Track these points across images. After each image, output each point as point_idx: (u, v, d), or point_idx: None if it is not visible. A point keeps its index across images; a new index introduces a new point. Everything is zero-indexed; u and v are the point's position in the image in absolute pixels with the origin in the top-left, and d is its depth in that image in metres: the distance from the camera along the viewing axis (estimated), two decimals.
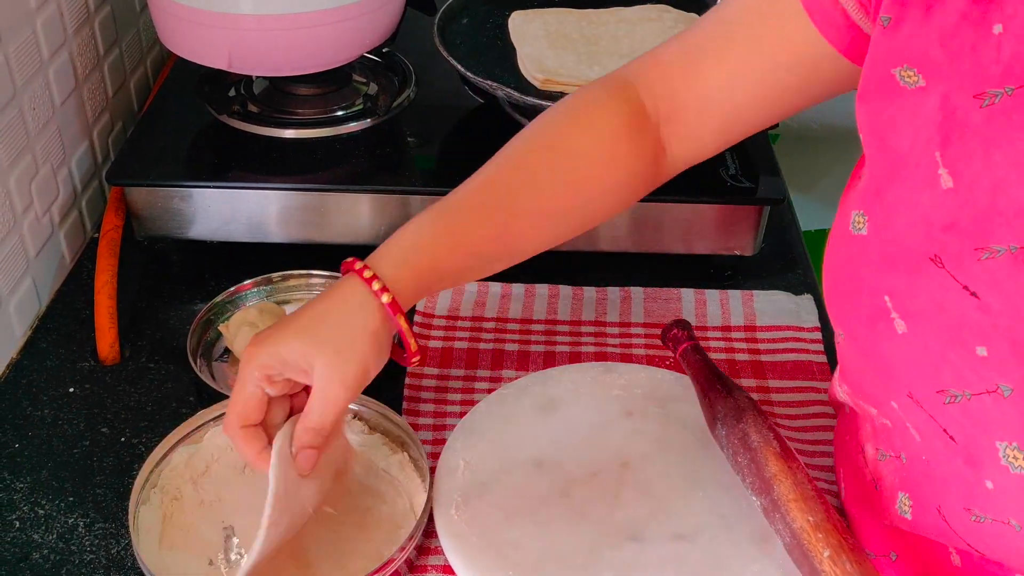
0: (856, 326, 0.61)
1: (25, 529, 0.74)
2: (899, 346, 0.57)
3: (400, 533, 0.71)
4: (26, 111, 0.90)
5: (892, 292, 0.57)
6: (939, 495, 0.60)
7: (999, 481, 0.55)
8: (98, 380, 0.86)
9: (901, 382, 0.58)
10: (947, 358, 0.55)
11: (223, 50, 0.94)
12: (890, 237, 0.57)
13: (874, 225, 0.58)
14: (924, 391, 0.57)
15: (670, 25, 1.07)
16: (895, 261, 0.57)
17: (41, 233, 0.94)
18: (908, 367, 0.57)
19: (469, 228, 0.69)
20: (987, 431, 0.54)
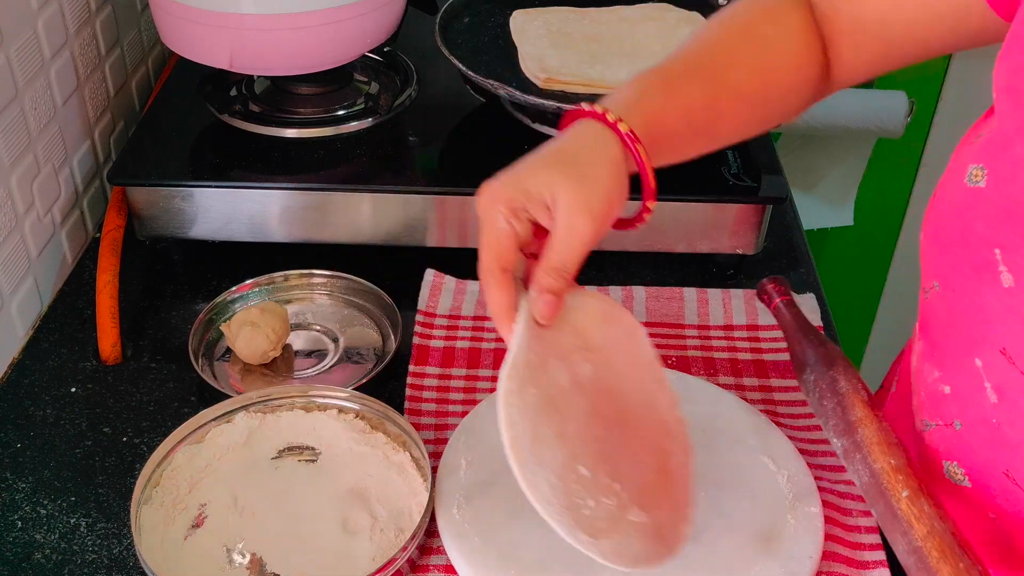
0: (957, 277, 0.61)
1: (27, 529, 0.74)
2: (1002, 299, 0.58)
3: (405, 532, 0.71)
4: (28, 111, 0.90)
5: (1004, 245, 0.58)
6: (1009, 458, 0.60)
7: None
8: (100, 380, 0.86)
9: (996, 337, 0.59)
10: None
11: (224, 50, 0.94)
12: (1010, 191, 0.58)
13: (994, 178, 0.59)
14: (1020, 345, 0.57)
15: (672, 24, 1.07)
16: (1013, 215, 0.57)
17: (43, 233, 0.94)
18: (1008, 322, 0.58)
19: (682, 91, 0.69)
20: None
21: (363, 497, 0.74)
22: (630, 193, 0.64)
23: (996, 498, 0.63)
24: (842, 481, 0.77)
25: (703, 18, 1.08)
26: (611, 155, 0.63)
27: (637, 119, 0.64)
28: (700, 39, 0.73)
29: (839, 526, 0.73)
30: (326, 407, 0.79)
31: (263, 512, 0.73)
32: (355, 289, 0.93)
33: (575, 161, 0.62)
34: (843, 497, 0.75)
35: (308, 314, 0.93)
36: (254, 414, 0.78)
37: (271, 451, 0.78)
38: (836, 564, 0.70)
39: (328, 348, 0.90)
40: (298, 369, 0.88)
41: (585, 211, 0.60)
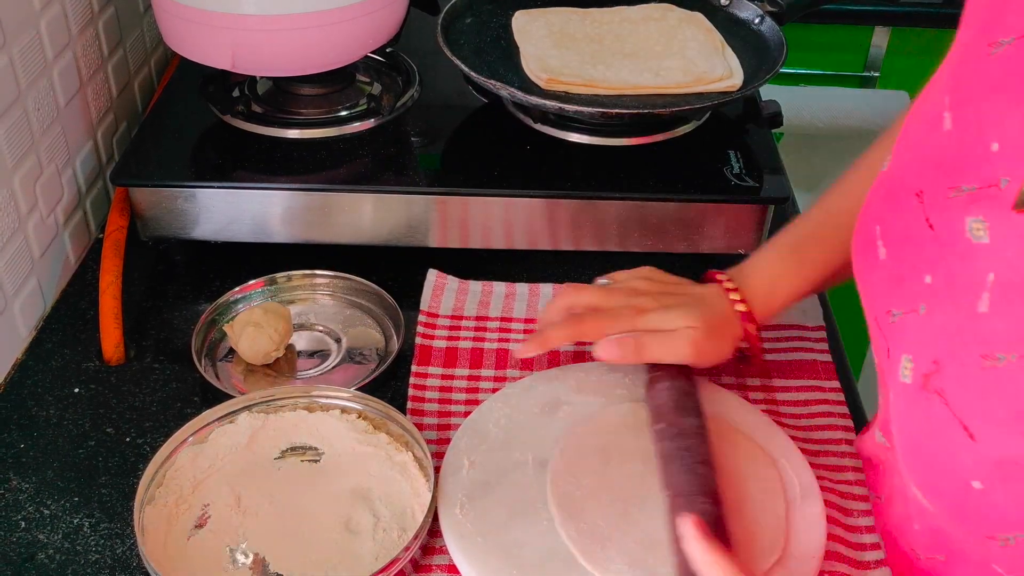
0: (856, 254, 0.66)
1: (31, 529, 0.74)
2: (877, 271, 0.63)
3: (408, 532, 0.71)
4: (31, 112, 0.90)
5: (881, 221, 0.62)
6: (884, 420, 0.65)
7: (895, 391, 0.60)
8: (103, 380, 0.86)
9: (873, 306, 0.64)
10: (902, 282, 0.60)
11: (227, 50, 0.94)
12: (896, 172, 0.62)
13: (892, 163, 0.63)
14: (881, 312, 0.62)
15: (674, 24, 1.07)
16: (893, 194, 0.61)
17: (46, 234, 0.94)
18: (878, 290, 0.62)
19: (819, 261, 0.79)
20: (900, 345, 0.60)
21: (366, 497, 0.74)
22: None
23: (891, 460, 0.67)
24: (844, 481, 0.77)
25: (704, 18, 1.09)
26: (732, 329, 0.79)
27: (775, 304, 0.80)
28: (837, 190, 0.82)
29: (841, 526, 0.73)
30: (329, 407, 0.79)
31: (266, 512, 0.73)
32: (358, 289, 0.94)
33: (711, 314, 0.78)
34: (844, 497, 0.75)
35: (311, 314, 0.93)
36: (257, 414, 0.78)
37: (274, 451, 0.78)
38: (838, 564, 0.70)
39: (331, 348, 0.90)
40: (301, 369, 0.88)
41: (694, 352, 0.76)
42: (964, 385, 0.54)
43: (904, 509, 0.66)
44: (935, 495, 0.59)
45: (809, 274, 0.80)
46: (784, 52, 1.02)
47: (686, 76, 0.99)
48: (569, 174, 0.96)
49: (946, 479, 0.57)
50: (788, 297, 0.80)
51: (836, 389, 0.85)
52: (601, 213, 0.95)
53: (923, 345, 0.58)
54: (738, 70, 1.00)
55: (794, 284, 0.80)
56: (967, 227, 0.55)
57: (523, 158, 0.98)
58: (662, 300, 0.79)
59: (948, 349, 0.55)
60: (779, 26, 1.06)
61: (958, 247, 0.55)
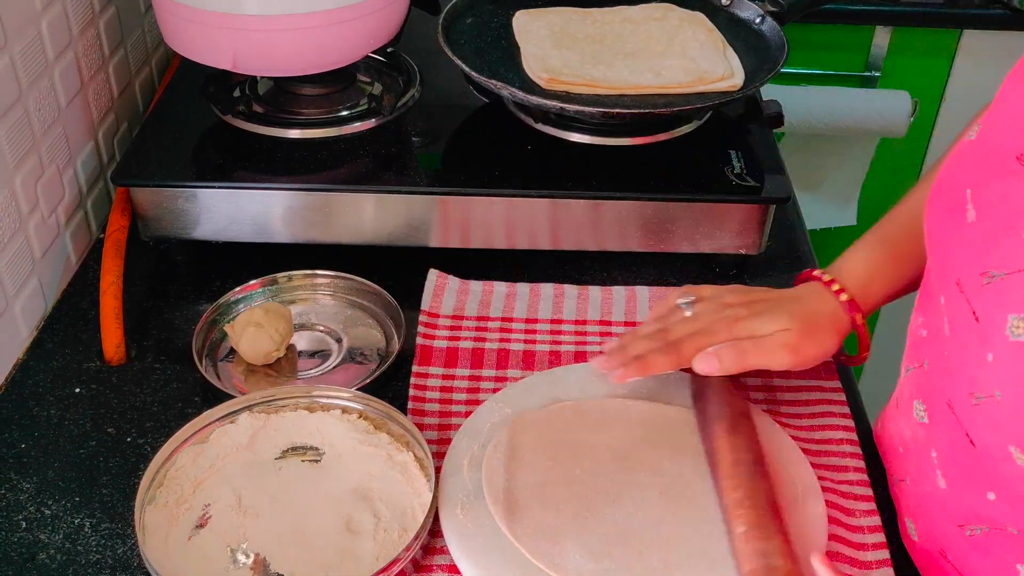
0: (935, 220, 0.66)
1: (31, 529, 0.74)
2: (964, 233, 0.62)
3: (409, 532, 0.71)
4: (32, 112, 0.90)
5: (973, 184, 0.62)
6: (951, 388, 0.64)
7: (999, 352, 0.59)
8: (104, 380, 0.86)
9: (954, 268, 0.63)
10: (999, 243, 0.59)
11: (228, 51, 0.94)
12: (991, 138, 0.62)
13: (983, 132, 0.63)
14: (970, 275, 0.61)
15: (675, 24, 1.07)
16: (986, 157, 0.62)
17: (47, 234, 0.94)
18: (965, 253, 0.62)
19: (913, 253, 0.78)
20: (1004, 305, 0.59)
21: (367, 497, 0.74)
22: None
23: (940, 431, 0.66)
24: (845, 481, 0.77)
25: (705, 18, 1.08)
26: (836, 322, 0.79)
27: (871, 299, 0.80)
28: (924, 185, 0.80)
29: (842, 526, 0.73)
30: (330, 407, 0.79)
31: (267, 512, 0.73)
32: (358, 290, 0.93)
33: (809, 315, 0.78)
34: (846, 497, 0.75)
35: (312, 315, 0.93)
36: (258, 414, 0.78)
37: (275, 451, 0.78)
38: (840, 564, 0.70)
39: (332, 349, 0.90)
40: (302, 369, 0.88)
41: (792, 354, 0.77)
42: None
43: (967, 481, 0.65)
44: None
45: (904, 269, 0.80)
46: (785, 52, 1.02)
47: (687, 76, 0.99)
48: (570, 174, 0.96)
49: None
50: (885, 291, 0.81)
51: (837, 388, 0.85)
52: (602, 213, 0.95)
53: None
54: (739, 70, 1.00)
55: (890, 278, 0.80)
56: None
57: (524, 158, 0.98)
58: (753, 308, 0.79)
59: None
60: (780, 26, 1.06)
61: None
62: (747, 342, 0.77)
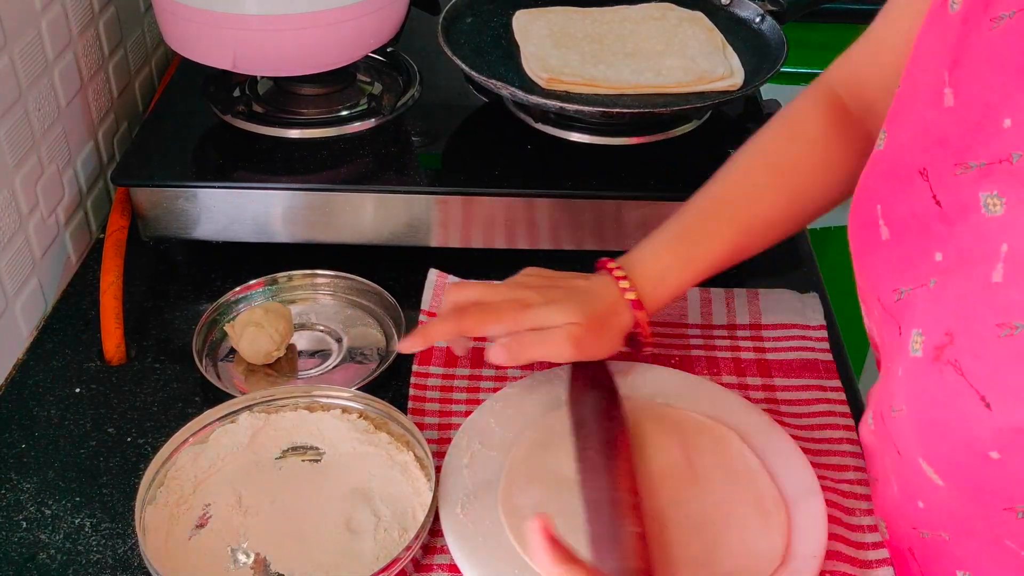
0: (855, 235, 0.66)
1: (32, 529, 0.74)
2: (880, 252, 0.63)
3: (409, 532, 0.71)
4: (31, 112, 0.90)
5: (883, 200, 0.62)
6: (883, 398, 0.65)
7: (905, 367, 0.60)
8: (104, 380, 0.86)
9: (875, 285, 0.64)
10: (913, 262, 0.60)
11: (228, 50, 0.94)
12: (895, 151, 0.62)
13: (889, 141, 0.63)
14: (887, 292, 0.62)
15: (674, 23, 1.07)
16: (894, 172, 0.61)
17: (47, 234, 0.94)
18: (883, 271, 0.62)
19: (709, 250, 0.79)
20: (911, 320, 0.60)
21: (367, 497, 0.74)
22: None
23: (881, 440, 0.67)
24: (845, 480, 0.77)
25: (705, 17, 1.09)
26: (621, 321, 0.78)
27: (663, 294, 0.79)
28: (722, 178, 0.81)
29: (842, 525, 0.73)
30: (330, 407, 0.79)
31: (267, 512, 0.73)
32: (358, 289, 0.94)
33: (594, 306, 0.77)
34: (846, 496, 0.75)
35: (312, 314, 0.93)
36: (258, 414, 0.78)
37: (275, 451, 0.78)
38: (840, 563, 0.70)
39: (332, 348, 0.90)
40: (302, 369, 0.88)
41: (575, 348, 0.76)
42: (979, 355, 0.54)
43: (905, 488, 0.66)
44: (948, 469, 0.59)
45: (697, 264, 0.80)
46: (785, 51, 1.02)
47: (687, 75, 0.99)
48: (570, 174, 0.96)
49: (960, 451, 0.57)
50: (677, 288, 0.80)
51: (837, 388, 0.85)
52: (602, 212, 0.95)
53: (934, 318, 0.58)
54: (739, 69, 1.00)
55: (683, 275, 0.80)
56: (982, 202, 0.55)
57: (524, 158, 0.98)
58: (546, 294, 0.77)
59: (962, 320, 0.55)
60: (780, 25, 1.07)
61: (969, 221, 0.55)
62: (531, 335, 0.76)
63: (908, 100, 0.62)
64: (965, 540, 0.62)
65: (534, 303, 0.77)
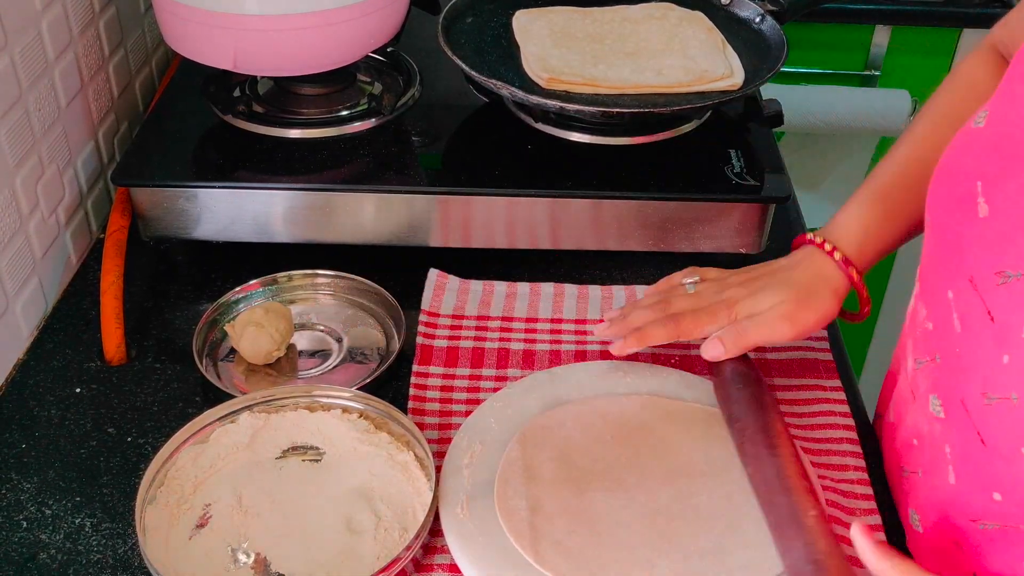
0: (941, 212, 0.65)
1: (32, 529, 0.74)
2: (976, 228, 0.61)
3: (409, 531, 0.71)
4: (32, 112, 0.90)
5: (984, 177, 0.61)
6: (964, 385, 0.63)
7: (1015, 354, 0.58)
8: (104, 380, 0.87)
9: (967, 265, 0.62)
10: (1014, 240, 0.58)
11: (228, 50, 0.94)
12: (1001, 128, 0.61)
13: (992, 119, 0.63)
14: (984, 273, 0.60)
15: (675, 23, 1.07)
16: (998, 148, 0.61)
17: (47, 234, 0.94)
18: (978, 249, 0.61)
19: (907, 205, 0.79)
20: (1021, 307, 0.58)
21: (367, 496, 0.74)
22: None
23: (955, 428, 0.65)
24: (846, 480, 0.77)
25: (705, 17, 1.08)
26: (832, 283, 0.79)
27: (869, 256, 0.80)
28: (909, 139, 0.82)
29: (843, 524, 0.73)
30: (330, 407, 0.79)
31: (267, 512, 0.73)
32: (359, 289, 0.94)
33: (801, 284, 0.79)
34: (847, 496, 0.75)
35: (312, 314, 0.93)
36: (258, 414, 0.79)
37: (275, 451, 0.78)
38: None
39: (332, 348, 0.90)
40: (302, 369, 0.88)
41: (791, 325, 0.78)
42: None
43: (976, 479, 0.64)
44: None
45: (898, 223, 0.81)
46: (785, 51, 1.02)
47: (687, 75, 0.99)
48: (570, 173, 0.96)
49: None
50: (880, 246, 0.81)
51: (837, 388, 0.85)
52: (602, 212, 0.95)
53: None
54: (739, 69, 1.00)
55: (884, 233, 0.81)
56: None
57: (524, 157, 0.98)
58: (751, 286, 0.80)
59: None
60: (780, 25, 1.06)
61: None
62: (745, 321, 0.78)
63: (1019, 81, 0.62)
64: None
65: (741, 297, 0.79)
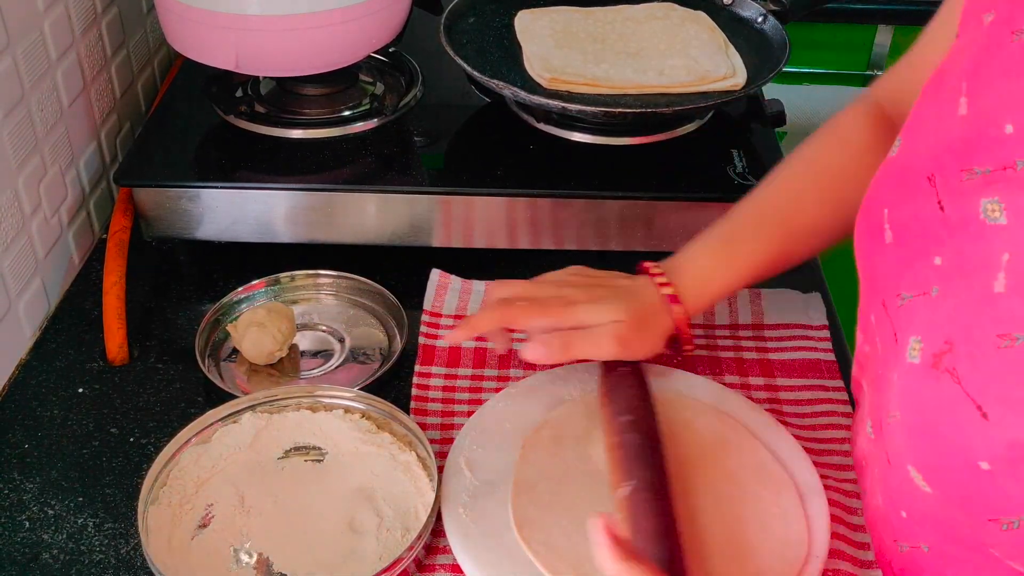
0: (861, 239, 0.67)
1: (35, 529, 0.74)
2: (884, 254, 0.63)
3: (412, 532, 0.71)
4: (34, 112, 0.90)
5: (890, 204, 0.63)
6: (879, 407, 0.65)
7: (900, 373, 0.60)
8: (107, 380, 0.87)
9: (879, 289, 0.64)
10: (912, 265, 0.60)
11: (230, 51, 0.94)
12: (906, 157, 0.62)
13: (902, 148, 0.64)
14: (890, 296, 0.62)
15: (676, 23, 1.07)
16: (903, 178, 0.62)
17: (50, 234, 0.94)
18: (886, 273, 0.63)
19: (752, 254, 0.80)
20: (910, 327, 0.60)
21: (369, 497, 0.74)
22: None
23: (876, 449, 0.66)
24: (847, 480, 0.77)
25: (708, 17, 1.08)
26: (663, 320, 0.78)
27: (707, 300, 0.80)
28: (768, 186, 0.82)
29: (844, 525, 0.73)
30: (332, 407, 0.79)
31: (269, 512, 0.73)
32: (361, 289, 0.94)
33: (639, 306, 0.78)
34: (848, 496, 0.75)
35: (314, 314, 0.93)
36: (260, 414, 0.79)
37: (277, 451, 0.78)
38: (842, 563, 0.70)
39: (334, 348, 0.90)
40: (304, 369, 0.88)
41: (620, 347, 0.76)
42: (978, 365, 0.54)
43: (890, 498, 0.66)
44: (937, 477, 0.59)
45: (741, 268, 0.80)
46: (787, 51, 1.02)
47: (689, 75, 0.99)
48: (572, 174, 0.96)
49: (952, 460, 0.56)
50: (720, 291, 0.80)
51: (840, 388, 0.85)
52: (604, 212, 0.95)
53: (935, 326, 0.57)
54: (741, 69, 1.00)
55: (726, 278, 0.80)
56: (981, 209, 0.55)
57: (526, 158, 0.98)
58: (591, 292, 0.78)
59: (962, 329, 0.55)
60: (782, 25, 1.06)
61: (971, 228, 0.56)
62: (575, 333, 0.76)
63: (926, 109, 0.62)
64: (949, 548, 0.62)
65: (579, 300, 0.78)
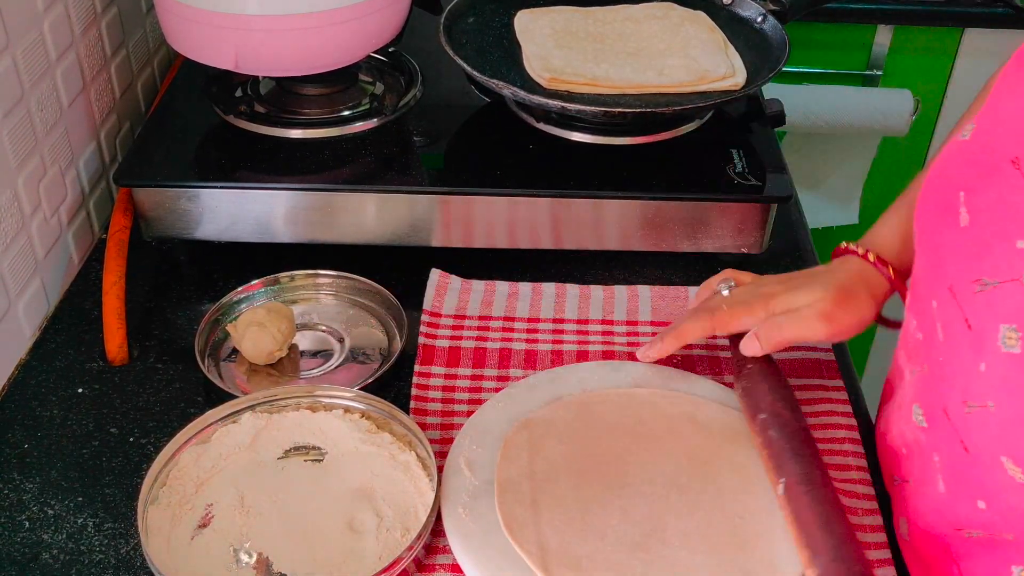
0: (928, 221, 0.66)
1: (35, 529, 0.74)
2: (956, 237, 0.62)
3: (411, 532, 0.71)
4: (34, 112, 0.90)
5: (968, 187, 0.62)
6: (947, 394, 0.64)
7: (991, 362, 0.59)
8: (107, 380, 0.87)
9: (947, 273, 0.63)
10: (992, 250, 0.59)
11: (230, 51, 0.94)
12: (986, 140, 0.62)
13: (978, 131, 0.63)
14: (963, 281, 0.61)
15: (676, 22, 1.07)
16: (981, 160, 0.61)
17: (49, 234, 0.94)
18: (958, 257, 0.62)
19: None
20: (996, 315, 0.58)
21: (369, 497, 0.74)
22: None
23: (940, 437, 0.65)
24: (848, 480, 0.77)
25: (707, 17, 1.08)
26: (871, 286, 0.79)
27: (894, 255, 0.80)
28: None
29: None
30: (332, 407, 0.79)
31: (269, 512, 0.73)
32: (360, 289, 0.94)
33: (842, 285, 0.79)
34: (848, 496, 0.75)
35: (314, 314, 0.93)
36: (260, 414, 0.79)
37: (277, 451, 0.78)
38: None
39: (334, 348, 0.90)
40: (304, 369, 0.88)
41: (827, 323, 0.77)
42: None
43: (962, 488, 0.65)
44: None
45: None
46: (787, 51, 1.02)
47: (689, 75, 0.99)
48: (572, 173, 0.96)
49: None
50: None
51: (839, 388, 0.85)
52: (604, 212, 0.95)
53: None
54: (741, 69, 1.00)
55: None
56: None
57: (526, 157, 0.98)
58: (788, 283, 0.81)
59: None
60: (782, 24, 1.06)
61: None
62: (782, 316, 0.78)
63: (1005, 95, 0.62)
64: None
65: (778, 292, 0.79)
